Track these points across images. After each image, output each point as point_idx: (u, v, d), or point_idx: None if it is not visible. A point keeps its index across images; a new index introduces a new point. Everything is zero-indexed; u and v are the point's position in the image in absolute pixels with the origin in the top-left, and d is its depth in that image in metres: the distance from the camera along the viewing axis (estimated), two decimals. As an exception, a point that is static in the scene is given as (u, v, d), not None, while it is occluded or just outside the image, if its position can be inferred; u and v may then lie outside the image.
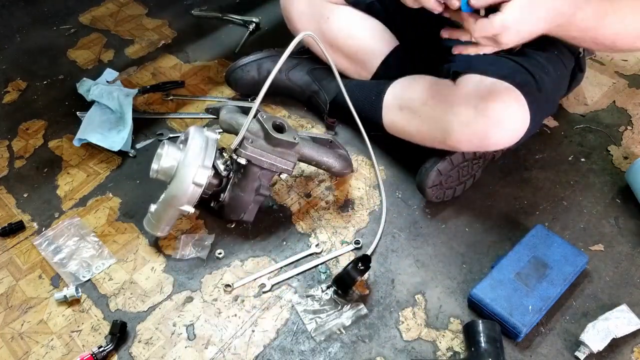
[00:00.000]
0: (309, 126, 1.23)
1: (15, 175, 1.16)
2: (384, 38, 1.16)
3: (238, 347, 0.87)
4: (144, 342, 0.89)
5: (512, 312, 0.85)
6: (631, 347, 0.86)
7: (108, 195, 1.10)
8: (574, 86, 1.13)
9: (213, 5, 1.59)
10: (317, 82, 1.21)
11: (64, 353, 0.88)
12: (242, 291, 0.94)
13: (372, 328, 0.89)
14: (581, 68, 1.09)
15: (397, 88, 1.04)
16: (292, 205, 1.07)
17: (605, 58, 1.35)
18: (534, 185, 1.09)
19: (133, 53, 1.44)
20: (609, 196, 1.06)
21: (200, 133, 0.94)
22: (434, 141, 0.96)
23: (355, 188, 1.10)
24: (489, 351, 0.80)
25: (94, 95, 1.23)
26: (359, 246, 1.00)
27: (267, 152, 0.93)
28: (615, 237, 1.00)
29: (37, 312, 0.93)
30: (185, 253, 0.99)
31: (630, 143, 1.16)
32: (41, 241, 1.02)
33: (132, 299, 0.94)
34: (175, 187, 0.91)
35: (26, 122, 1.27)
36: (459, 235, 1.01)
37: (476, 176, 1.06)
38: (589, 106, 1.24)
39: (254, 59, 1.23)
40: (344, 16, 1.15)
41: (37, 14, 1.58)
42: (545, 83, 0.94)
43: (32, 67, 1.41)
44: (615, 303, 0.89)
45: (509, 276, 0.89)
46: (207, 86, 1.34)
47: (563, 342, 0.87)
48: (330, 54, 1.11)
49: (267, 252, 1.00)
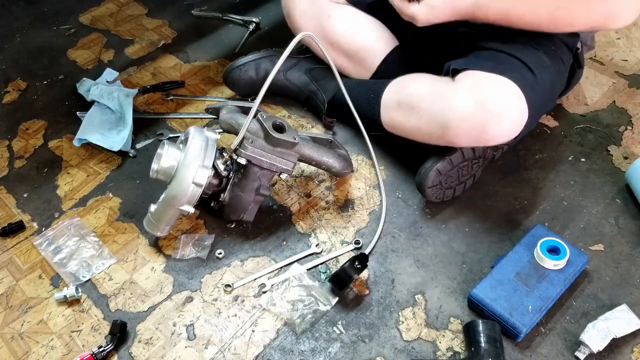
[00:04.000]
0: (308, 126, 1.23)
1: (15, 175, 1.16)
2: (385, 37, 1.16)
3: (238, 347, 0.88)
4: (144, 342, 0.89)
5: (512, 312, 0.85)
6: (631, 347, 0.86)
7: (108, 195, 1.10)
8: (574, 83, 1.13)
9: (213, 5, 1.59)
10: (315, 82, 1.21)
11: (64, 353, 0.88)
12: (242, 291, 0.94)
13: (372, 328, 0.89)
14: (580, 64, 1.09)
15: (395, 85, 1.04)
16: (292, 205, 1.07)
17: (605, 58, 1.35)
18: (534, 185, 1.09)
19: (133, 53, 1.44)
20: (609, 196, 1.06)
21: (200, 133, 0.94)
22: (432, 137, 0.96)
23: (355, 188, 1.10)
24: (489, 351, 0.80)
25: (94, 95, 1.23)
26: (359, 246, 1.00)
27: (267, 152, 0.93)
28: (615, 237, 1.00)
29: (37, 312, 0.93)
30: (185, 253, 0.99)
31: (630, 143, 1.16)
32: (41, 241, 1.02)
33: (132, 299, 0.94)
34: (175, 187, 0.91)
35: (26, 122, 1.27)
36: (459, 235, 1.01)
37: (476, 176, 1.06)
38: (589, 106, 1.24)
39: (252, 59, 1.23)
40: (346, 15, 1.16)
41: (37, 14, 1.58)
42: (544, 78, 0.95)
43: (32, 67, 1.41)
44: (615, 303, 0.89)
45: (509, 276, 0.89)
46: (207, 86, 1.34)
47: (563, 342, 0.87)
48: (331, 53, 1.11)
49: (267, 252, 1.00)
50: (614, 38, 1.41)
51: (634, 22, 0.94)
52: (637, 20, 1.47)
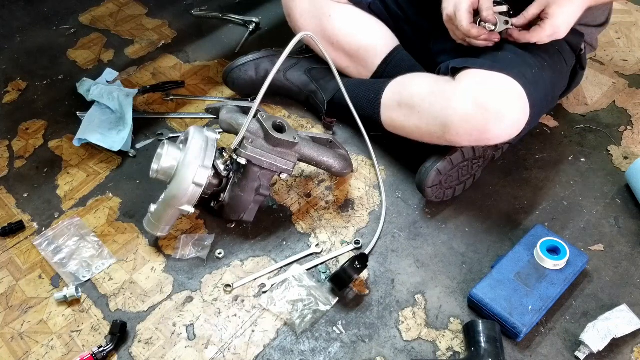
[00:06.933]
0: (308, 126, 1.23)
1: (15, 175, 1.16)
2: (385, 37, 1.16)
3: (238, 347, 0.88)
4: (144, 342, 0.89)
5: (512, 312, 0.85)
6: (631, 347, 0.86)
7: (108, 195, 1.10)
8: (575, 84, 1.13)
9: (213, 5, 1.59)
10: (315, 82, 1.21)
11: (64, 353, 0.88)
12: (242, 291, 0.94)
13: (372, 328, 0.89)
14: (582, 65, 1.09)
15: (395, 85, 1.04)
16: (292, 205, 1.07)
17: (605, 58, 1.35)
18: (534, 185, 1.09)
19: (133, 53, 1.44)
20: (609, 196, 1.06)
21: (200, 133, 0.94)
22: (433, 137, 0.96)
23: (355, 188, 1.10)
24: (489, 351, 0.80)
25: (94, 95, 1.23)
26: (359, 246, 1.00)
27: (267, 152, 0.93)
28: (615, 237, 1.00)
29: (37, 312, 0.93)
30: (185, 253, 0.99)
31: (630, 143, 1.16)
32: (41, 241, 1.02)
33: (132, 299, 0.94)
34: (175, 187, 0.91)
35: (26, 122, 1.27)
36: (459, 235, 1.01)
37: (476, 176, 1.06)
38: (589, 106, 1.24)
39: (252, 58, 1.23)
40: (346, 14, 1.16)
41: (37, 14, 1.58)
42: (545, 77, 0.95)
43: (32, 67, 1.41)
44: (615, 303, 0.89)
45: (508, 276, 0.89)
46: (207, 86, 1.34)
47: (563, 342, 0.87)
48: (331, 53, 1.11)
49: (267, 252, 1.00)
50: (614, 38, 1.41)
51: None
52: (637, 20, 1.48)
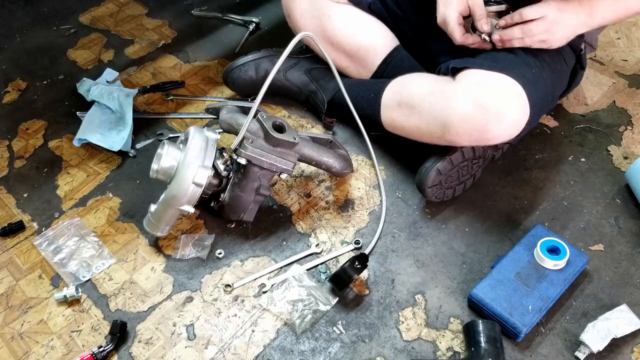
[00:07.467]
0: (308, 126, 1.23)
1: (15, 175, 1.16)
2: (385, 37, 1.16)
3: (238, 347, 0.88)
4: (144, 342, 0.89)
5: (512, 312, 0.85)
6: (631, 347, 0.86)
7: (108, 195, 1.10)
8: (575, 84, 1.13)
9: (213, 5, 1.59)
10: (315, 82, 1.21)
11: (64, 353, 0.88)
12: (242, 291, 0.94)
13: (372, 328, 0.89)
14: (582, 65, 1.09)
15: (395, 85, 1.04)
16: (292, 205, 1.07)
17: (605, 58, 1.35)
18: (534, 185, 1.09)
19: (133, 53, 1.44)
20: (609, 196, 1.06)
21: (200, 133, 0.94)
22: (433, 137, 0.96)
23: (355, 188, 1.10)
24: (489, 351, 0.80)
25: (94, 95, 1.23)
26: (359, 246, 1.00)
27: (267, 152, 0.93)
28: (615, 237, 1.00)
29: (37, 312, 0.93)
30: (185, 253, 0.99)
31: (630, 143, 1.16)
32: (41, 241, 1.02)
33: (132, 299, 0.94)
34: (175, 187, 0.91)
35: (26, 122, 1.27)
36: (459, 235, 1.01)
37: (476, 176, 1.06)
38: (589, 106, 1.24)
39: (252, 58, 1.23)
40: (346, 14, 1.16)
41: (37, 14, 1.58)
42: (545, 77, 0.94)
43: (32, 67, 1.41)
44: (615, 303, 0.89)
45: (508, 276, 0.89)
46: (207, 86, 1.34)
47: (563, 342, 0.87)
48: (331, 53, 1.11)
49: (267, 252, 1.00)
50: (614, 38, 1.41)
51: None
52: (637, 20, 1.48)
